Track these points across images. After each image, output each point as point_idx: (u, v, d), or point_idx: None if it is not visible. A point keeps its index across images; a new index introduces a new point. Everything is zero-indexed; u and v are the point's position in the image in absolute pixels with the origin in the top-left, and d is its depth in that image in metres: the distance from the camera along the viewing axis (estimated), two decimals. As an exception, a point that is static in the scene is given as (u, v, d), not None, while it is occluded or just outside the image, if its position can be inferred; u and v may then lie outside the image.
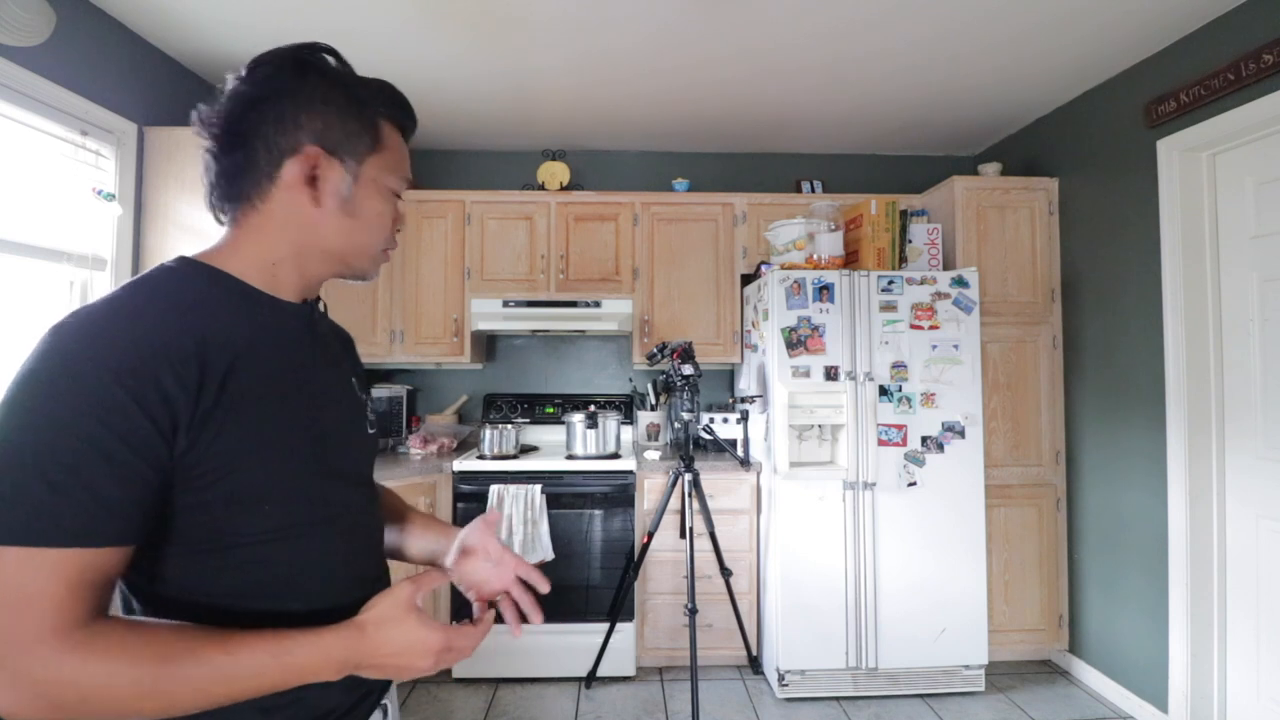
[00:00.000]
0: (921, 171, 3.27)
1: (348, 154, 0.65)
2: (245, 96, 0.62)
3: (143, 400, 0.52)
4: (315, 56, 0.65)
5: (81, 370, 0.51)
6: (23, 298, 1.76)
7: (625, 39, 2.15)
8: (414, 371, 3.18)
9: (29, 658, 0.48)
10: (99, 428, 0.50)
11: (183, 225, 2.11)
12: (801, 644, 2.36)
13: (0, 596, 0.47)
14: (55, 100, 1.80)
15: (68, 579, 0.49)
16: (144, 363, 0.52)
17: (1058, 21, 2.05)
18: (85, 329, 0.53)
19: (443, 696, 2.40)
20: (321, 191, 0.64)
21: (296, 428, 0.64)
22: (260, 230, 0.65)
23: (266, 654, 0.55)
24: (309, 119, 0.63)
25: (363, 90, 0.67)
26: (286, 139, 0.63)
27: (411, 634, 0.61)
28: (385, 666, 0.61)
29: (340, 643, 0.58)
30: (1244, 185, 2.00)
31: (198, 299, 0.60)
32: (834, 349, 2.40)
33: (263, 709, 0.60)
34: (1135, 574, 2.31)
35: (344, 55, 0.69)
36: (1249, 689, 1.98)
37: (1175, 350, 2.12)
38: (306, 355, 0.69)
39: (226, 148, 0.63)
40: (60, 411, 0.50)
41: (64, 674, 0.48)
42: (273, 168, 0.63)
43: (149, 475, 0.53)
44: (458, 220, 2.88)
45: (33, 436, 0.49)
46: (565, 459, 2.59)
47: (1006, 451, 2.62)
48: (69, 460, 0.49)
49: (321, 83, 0.64)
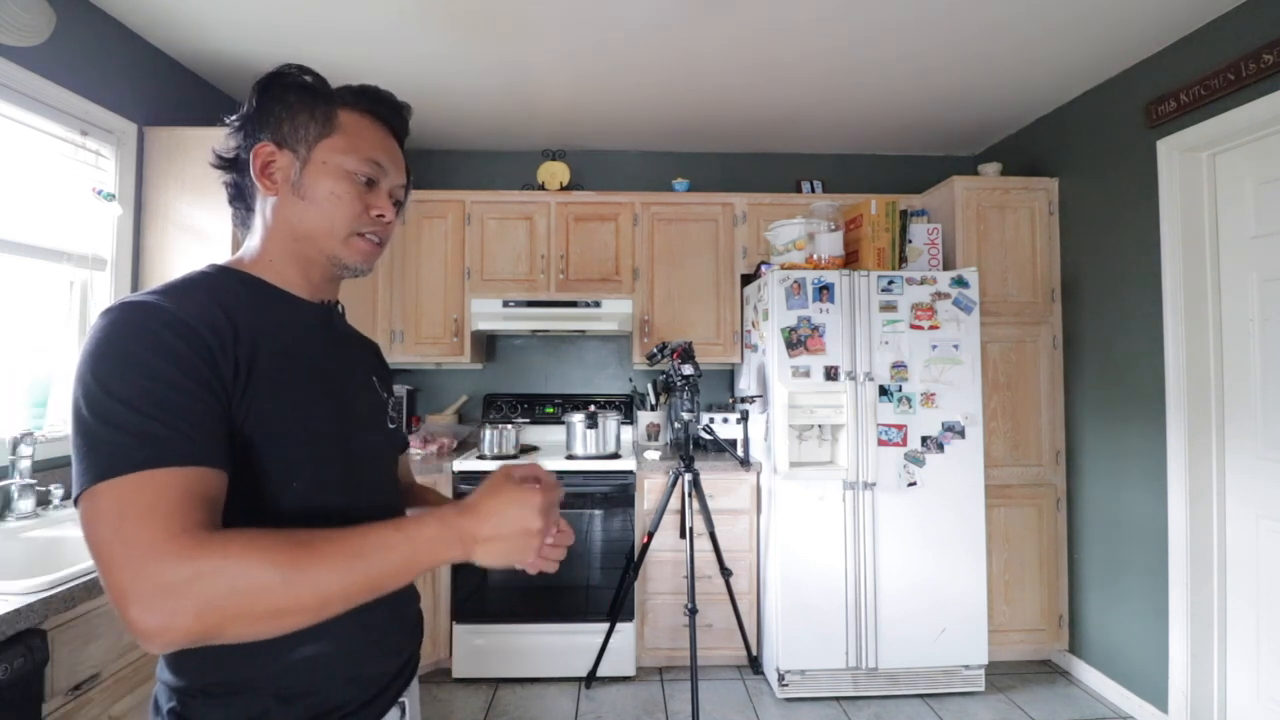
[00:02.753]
0: (921, 171, 3.26)
1: (297, 142, 0.71)
2: (233, 127, 0.73)
3: (196, 347, 0.59)
4: (278, 74, 0.72)
5: (143, 328, 0.58)
6: (23, 298, 1.76)
7: (621, 31, 2.15)
8: (414, 371, 3.18)
9: (160, 563, 0.50)
10: (168, 368, 0.57)
11: (183, 225, 2.11)
12: (801, 644, 2.36)
13: (126, 517, 0.51)
14: (55, 100, 1.80)
15: (179, 491, 0.54)
16: (189, 324, 0.60)
17: (1060, 26, 2.05)
18: (138, 304, 0.60)
19: (443, 696, 2.40)
20: (274, 179, 0.71)
21: (320, 413, 0.69)
22: (256, 232, 0.74)
23: (391, 528, 0.58)
24: (268, 125, 0.71)
25: (320, 88, 0.73)
26: (252, 144, 0.71)
27: (514, 494, 0.63)
28: (501, 535, 0.62)
29: (457, 515, 0.61)
30: (1244, 185, 2.00)
31: (224, 292, 0.67)
32: (834, 349, 2.40)
33: (280, 697, 0.63)
34: (1135, 574, 2.31)
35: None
36: (1249, 689, 1.98)
37: (1175, 350, 2.12)
38: (324, 350, 0.74)
39: (226, 169, 0.74)
40: (135, 359, 0.56)
41: (198, 569, 0.50)
42: (249, 173, 0.72)
43: (216, 405, 0.59)
44: (458, 220, 2.88)
45: (119, 384, 0.55)
46: (565, 459, 2.59)
47: (1006, 451, 2.62)
48: (153, 396, 0.55)
49: (280, 91, 0.72)
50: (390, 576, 0.57)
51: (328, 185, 0.70)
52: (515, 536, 0.62)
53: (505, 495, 0.63)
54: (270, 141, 0.70)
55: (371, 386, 0.81)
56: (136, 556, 0.50)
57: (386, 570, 0.56)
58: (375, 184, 0.74)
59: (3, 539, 1.48)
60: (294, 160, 0.70)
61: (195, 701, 0.62)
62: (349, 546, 0.55)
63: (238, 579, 0.51)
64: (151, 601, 0.49)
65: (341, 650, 0.67)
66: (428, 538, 0.58)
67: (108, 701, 1.24)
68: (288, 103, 0.71)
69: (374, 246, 0.75)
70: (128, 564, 0.50)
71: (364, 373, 0.81)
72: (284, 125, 0.71)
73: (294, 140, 0.70)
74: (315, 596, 0.53)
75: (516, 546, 0.62)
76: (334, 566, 0.54)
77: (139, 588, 0.50)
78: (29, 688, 1.06)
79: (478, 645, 2.49)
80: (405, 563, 0.57)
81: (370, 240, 0.74)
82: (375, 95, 0.75)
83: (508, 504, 0.62)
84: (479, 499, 0.63)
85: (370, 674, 0.70)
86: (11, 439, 1.63)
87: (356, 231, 0.73)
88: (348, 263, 0.74)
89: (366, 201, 0.73)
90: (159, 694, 0.65)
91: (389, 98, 0.77)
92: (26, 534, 1.52)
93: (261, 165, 0.70)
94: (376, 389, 0.82)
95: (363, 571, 0.55)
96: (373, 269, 0.77)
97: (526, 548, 0.63)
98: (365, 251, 0.74)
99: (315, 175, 0.70)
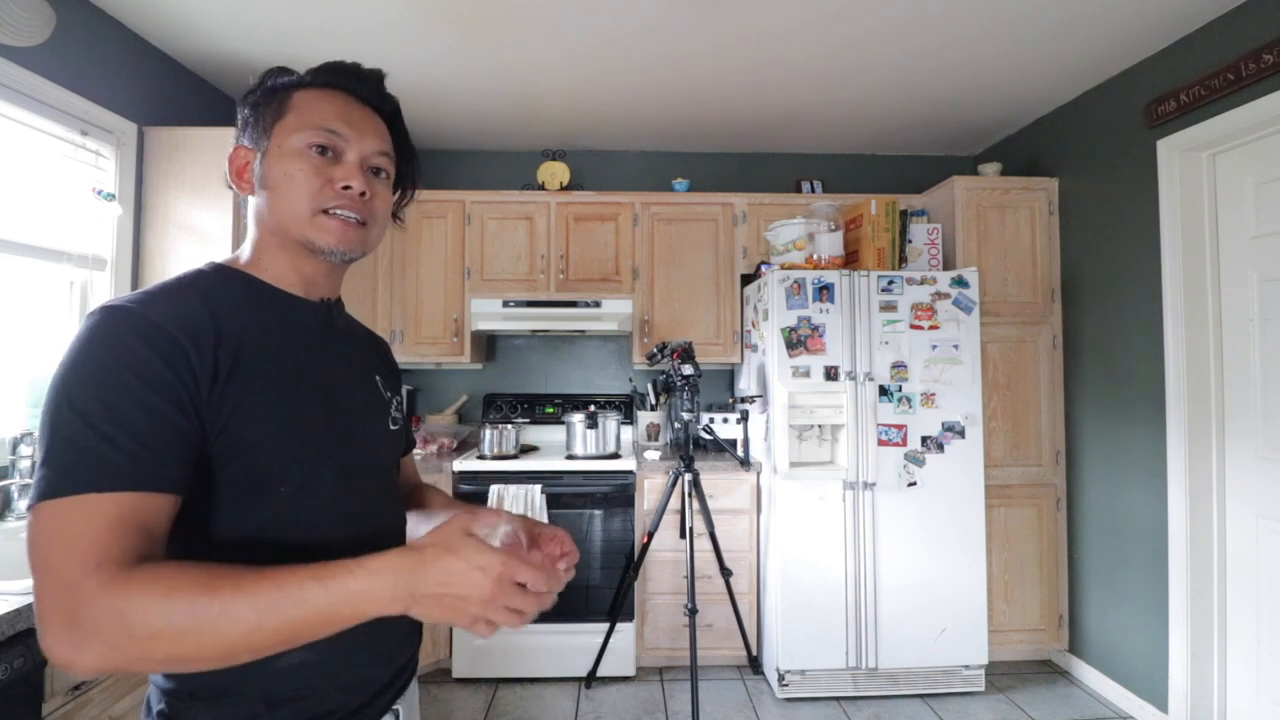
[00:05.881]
0: (921, 171, 3.26)
1: (260, 135, 0.70)
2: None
3: (168, 355, 0.57)
4: (258, 81, 0.72)
5: (114, 338, 0.57)
6: (23, 298, 1.76)
7: (621, 32, 2.15)
8: (414, 371, 3.18)
9: (75, 595, 0.50)
10: (134, 381, 0.55)
11: (183, 225, 2.11)
12: (801, 644, 2.36)
13: (54, 543, 0.51)
14: (55, 100, 1.79)
15: (108, 520, 0.52)
16: (167, 331, 0.58)
17: (1060, 27, 2.05)
18: (115, 310, 0.59)
19: (443, 697, 2.40)
20: (247, 179, 0.71)
21: (310, 416, 0.67)
22: (249, 232, 0.73)
23: (312, 580, 0.52)
24: (244, 130, 0.71)
25: (279, 76, 0.72)
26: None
27: (470, 554, 0.54)
28: (443, 597, 0.54)
29: (395, 568, 0.54)
30: (1244, 185, 2.00)
31: (216, 292, 0.66)
32: (834, 349, 2.40)
33: (268, 703, 0.63)
34: (1135, 573, 2.31)
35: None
36: (1249, 689, 1.98)
37: (1175, 350, 2.12)
38: (320, 349, 0.72)
39: (228, 183, 0.74)
40: (101, 372, 0.55)
41: (107, 607, 0.49)
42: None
43: (180, 422, 0.57)
44: (458, 220, 2.88)
45: (81, 397, 0.54)
46: (565, 459, 2.59)
47: (1006, 451, 2.62)
48: (111, 413, 0.54)
49: (253, 95, 0.72)
50: (307, 630, 0.52)
51: (280, 167, 0.68)
52: (458, 603, 0.54)
53: (458, 554, 0.54)
54: (243, 145, 0.71)
55: (373, 387, 0.78)
56: (54, 586, 0.50)
57: (300, 625, 0.52)
58: (339, 155, 0.69)
59: (3, 539, 1.48)
60: (257, 155, 0.69)
61: (184, 704, 0.62)
62: (260, 599, 0.51)
63: (137, 625, 0.49)
64: (61, 634, 0.49)
65: (329, 658, 0.65)
66: (353, 592, 0.52)
67: (108, 701, 1.24)
68: (253, 103, 0.71)
69: (348, 224, 0.68)
70: (46, 593, 0.50)
71: (366, 372, 0.78)
72: (250, 125, 0.70)
73: (256, 135, 0.70)
74: (218, 647, 0.51)
75: (460, 605, 0.54)
76: (240, 621, 0.50)
77: (52, 619, 0.50)
78: (29, 688, 1.06)
79: (478, 645, 2.48)
80: (322, 617, 0.52)
81: (341, 217, 0.68)
82: (331, 66, 0.72)
83: (457, 569, 0.54)
84: (431, 551, 0.55)
85: (360, 681, 0.69)
86: (11, 439, 1.63)
87: (321, 209, 0.67)
88: (319, 244, 0.68)
89: (327, 175, 0.68)
90: (150, 696, 0.65)
91: (349, 66, 0.73)
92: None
93: (237, 170, 0.71)
94: (379, 389, 0.79)
95: (272, 628, 0.51)
96: (361, 251, 0.71)
97: (471, 605, 0.54)
98: (336, 230, 0.68)
99: (271, 162, 0.68)
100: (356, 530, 0.69)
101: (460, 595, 0.54)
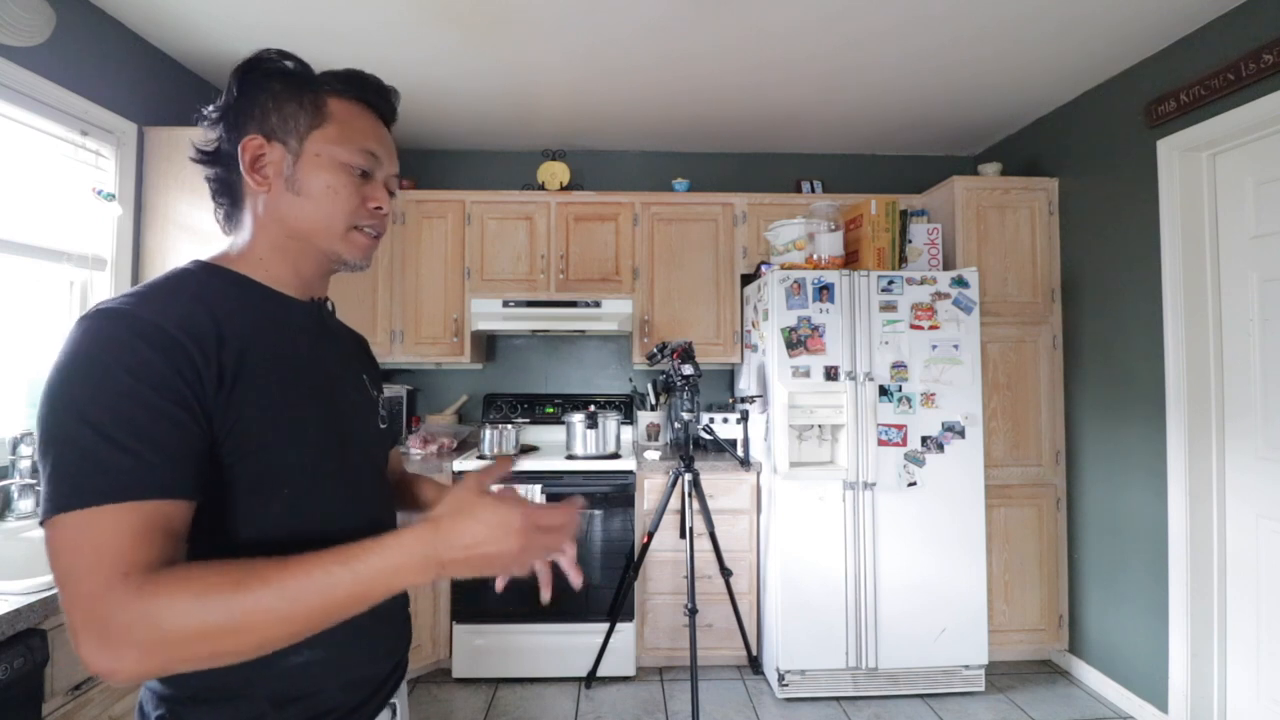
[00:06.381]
0: (921, 171, 3.26)
1: (288, 134, 0.68)
2: (211, 119, 0.69)
3: (173, 357, 0.56)
4: (257, 60, 0.69)
5: (117, 341, 0.55)
6: (23, 298, 1.76)
7: (621, 32, 2.14)
8: (414, 371, 3.18)
9: (105, 605, 0.50)
10: (140, 386, 0.54)
11: (183, 225, 2.11)
12: (801, 644, 2.36)
13: (80, 554, 0.51)
14: (55, 100, 1.79)
15: (131, 529, 0.52)
16: (168, 332, 0.57)
17: (1060, 27, 2.05)
18: (112, 312, 0.57)
19: (443, 696, 2.40)
20: (266, 174, 0.68)
21: (312, 416, 0.67)
22: (246, 228, 0.71)
23: (337, 564, 0.54)
24: (252, 115, 0.68)
25: (304, 73, 0.70)
26: (237, 137, 0.68)
27: (489, 515, 0.57)
28: (471, 559, 0.57)
29: (417, 540, 0.56)
30: (1244, 185, 2.00)
31: (209, 291, 0.65)
32: (834, 349, 2.40)
33: (275, 702, 0.63)
34: (1135, 574, 2.31)
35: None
36: (1249, 689, 1.98)
37: (1175, 350, 2.12)
38: (314, 348, 0.72)
39: (208, 163, 0.70)
40: (106, 377, 0.54)
41: (140, 613, 0.50)
42: (235, 167, 0.68)
43: (190, 425, 0.56)
44: (458, 220, 2.88)
45: (87, 404, 0.53)
46: (565, 459, 2.59)
47: (1006, 451, 2.62)
48: (121, 420, 0.53)
49: (261, 79, 0.68)
50: (337, 611, 0.54)
51: (324, 179, 0.68)
52: (489, 560, 0.57)
53: (478, 514, 0.57)
54: (258, 134, 0.67)
55: (362, 386, 0.79)
56: (85, 597, 0.50)
57: (330, 608, 0.54)
58: (370, 175, 0.71)
59: (3, 539, 1.48)
60: (285, 153, 0.67)
61: (185, 708, 0.61)
62: (288, 588, 0.52)
63: (171, 628, 0.50)
64: (99, 644, 0.49)
65: (335, 655, 0.66)
66: (379, 571, 0.54)
67: (108, 702, 1.24)
68: (273, 91, 0.68)
69: (372, 240, 0.73)
70: (78, 604, 0.50)
71: (354, 372, 0.79)
72: (271, 116, 0.67)
73: (284, 132, 0.67)
74: (254, 639, 0.52)
75: (491, 563, 0.57)
76: (272, 612, 0.52)
77: (88, 630, 0.50)
78: (29, 688, 1.06)
79: (478, 645, 2.49)
80: (354, 596, 0.54)
81: (368, 234, 0.72)
82: (363, 81, 0.72)
83: (481, 529, 0.57)
84: (448, 519, 0.57)
85: (363, 677, 0.70)
86: (11, 439, 1.63)
87: (354, 225, 0.70)
88: (347, 259, 0.72)
89: (363, 194, 0.70)
90: (144, 701, 0.64)
91: (376, 82, 0.73)
92: (26, 534, 1.52)
93: (251, 160, 0.67)
94: (367, 388, 0.80)
95: (305, 615, 0.53)
96: (371, 263, 0.74)
97: (503, 560, 0.57)
98: (364, 246, 0.72)
99: (310, 169, 0.67)
100: (356, 527, 0.69)
101: (489, 553, 0.57)
